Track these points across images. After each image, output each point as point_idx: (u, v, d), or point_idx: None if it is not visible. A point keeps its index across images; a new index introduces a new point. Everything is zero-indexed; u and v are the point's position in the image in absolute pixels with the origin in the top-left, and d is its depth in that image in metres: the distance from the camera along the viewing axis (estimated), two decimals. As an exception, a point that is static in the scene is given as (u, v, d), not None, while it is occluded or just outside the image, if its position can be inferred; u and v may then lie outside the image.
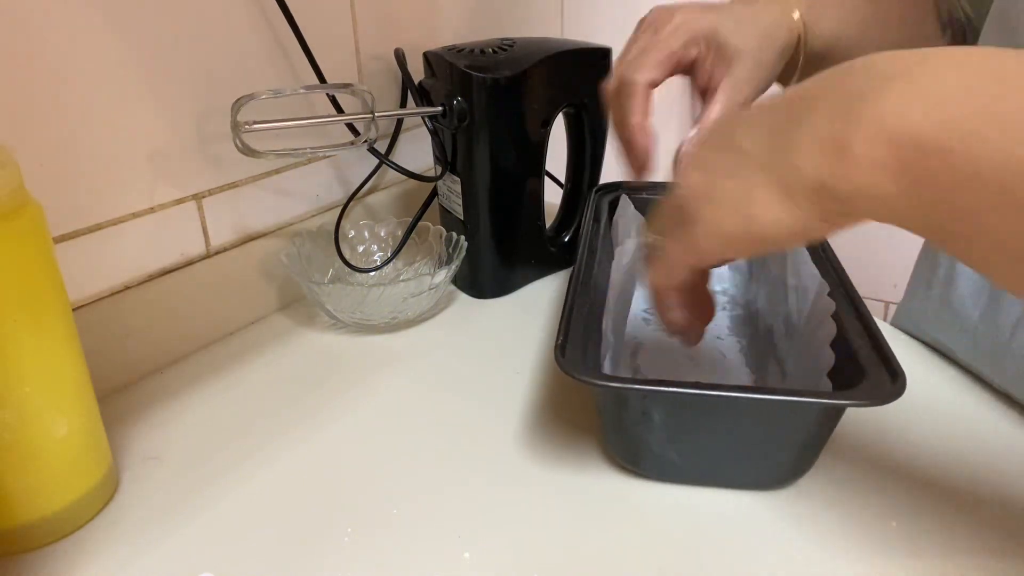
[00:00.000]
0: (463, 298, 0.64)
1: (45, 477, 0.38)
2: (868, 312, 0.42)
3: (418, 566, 0.37)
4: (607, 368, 0.45)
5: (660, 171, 0.51)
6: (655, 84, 0.47)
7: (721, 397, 0.36)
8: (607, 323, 0.45)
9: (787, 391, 0.37)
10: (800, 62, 0.51)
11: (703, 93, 0.48)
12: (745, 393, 0.36)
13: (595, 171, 0.67)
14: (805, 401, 0.36)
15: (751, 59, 0.47)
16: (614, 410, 0.41)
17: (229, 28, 0.54)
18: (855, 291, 0.44)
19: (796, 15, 0.50)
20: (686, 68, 0.48)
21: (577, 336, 0.42)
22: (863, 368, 0.37)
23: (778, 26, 0.49)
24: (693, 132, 0.47)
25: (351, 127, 0.61)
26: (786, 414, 0.38)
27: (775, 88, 0.50)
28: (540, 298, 0.64)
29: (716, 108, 0.47)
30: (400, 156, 0.68)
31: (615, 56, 0.64)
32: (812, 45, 0.51)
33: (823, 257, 0.49)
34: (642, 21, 0.50)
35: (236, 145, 0.50)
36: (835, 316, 0.42)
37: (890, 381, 0.36)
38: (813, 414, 0.38)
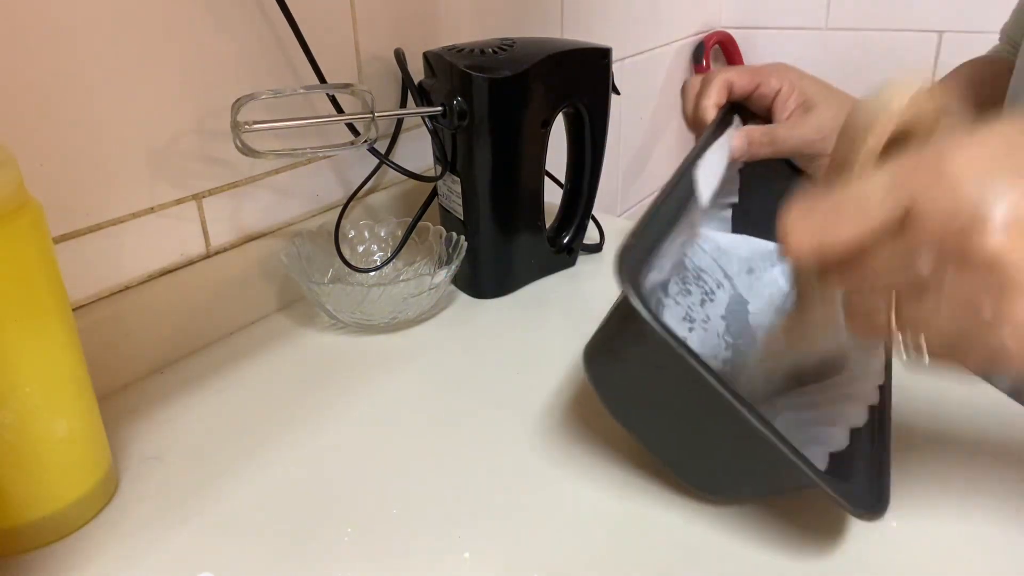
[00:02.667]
0: (463, 298, 0.64)
1: (45, 477, 0.38)
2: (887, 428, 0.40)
3: (418, 566, 0.37)
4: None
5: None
6: (731, 85, 0.52)
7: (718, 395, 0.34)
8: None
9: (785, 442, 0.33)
10: None
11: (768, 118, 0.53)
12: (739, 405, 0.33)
13: (595, 171, 0.66)
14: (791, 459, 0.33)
15: (826, 109, 0.50)
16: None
17: (229, 28, 0.55)
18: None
19: None
20: (765, 96, 0.52)
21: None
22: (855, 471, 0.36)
23: None
24: (739, 135, 0.51)
25: (351, 127, 0.61)
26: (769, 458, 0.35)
27: None
28: (540, 298, 0.64)
29: (789, 126, 0.51)
30: (400, 156, 0.68)
31: (615, 56, 0.64)
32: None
33: None
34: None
35: (236, 145, 0.50)
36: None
37: (875, 499, 0.35)
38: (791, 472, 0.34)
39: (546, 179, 0.64)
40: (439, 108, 0.58)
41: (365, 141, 0.57)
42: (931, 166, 0.26)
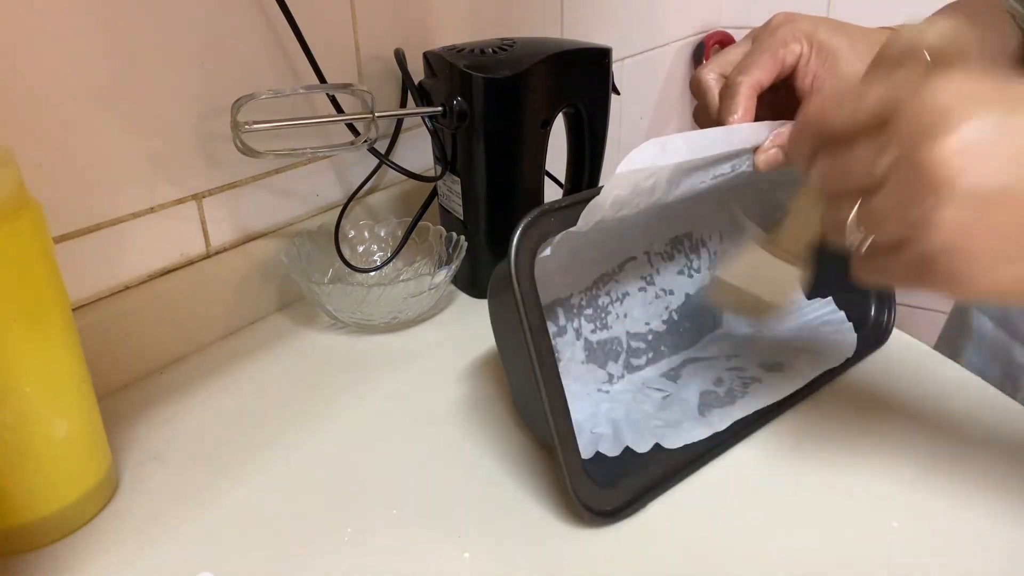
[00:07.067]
0: (463, 298, 0.64)
1: (45, 477, 0.38)
2: None
3: (418, 566, 0.37)
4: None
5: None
6: (761, 86, 0.45)
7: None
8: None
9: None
10: None
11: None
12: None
13: (595, 171, 0.66)
14: None
15: (857, 61, 0.45)
16: None
17: (229, 28, 0.55)
18: None
19: None
20: (791, 69, 0.46)
21: None
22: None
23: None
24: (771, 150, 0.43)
25: (351, 127, 0.61)
26: None
27: None
28: (540, 298, 0.64)
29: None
30: (400, 156, 0.68)
31: (615, 56, 0.64)
32: None
33: None
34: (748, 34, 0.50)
35: (236, 145, 0.50)
36: None
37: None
38: None
39: (546, 179, 0.64)
40: (439, 108, 0.58)
41: (365, 141, 0.57)
42: (924, 82, 0.29)
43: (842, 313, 0.55)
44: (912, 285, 0.30)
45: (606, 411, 0.47)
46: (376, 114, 0.55)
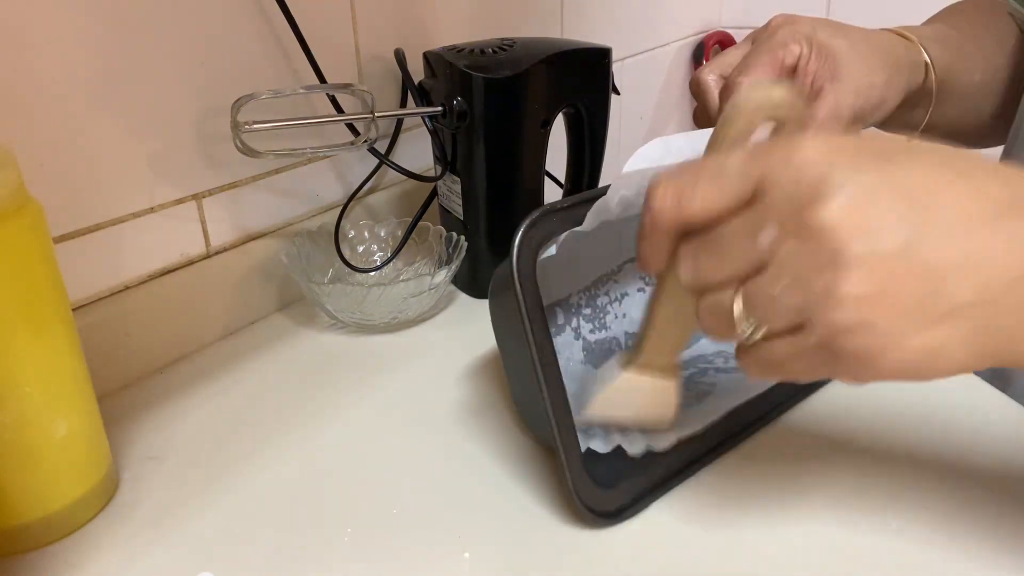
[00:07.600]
0: (463, 298, 0.64)
1: (45, 477, 0.38)
2: None
3: (418, 566, 0.37)
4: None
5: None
6: None
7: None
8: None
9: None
10: (933, 91, 0.50)
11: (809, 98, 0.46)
12: None
13: (595, 171, 0.67)
14: None
15: (857, 62, 0.45)
16: None
17: (229, 28, 0.55)
18: None
19: (914, 38, 0.50)
20: (790, 71, 0.46)
21: None
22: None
23: (892, 43, 0.49)
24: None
25: (351, 127, 0.61)
26: None
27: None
28: (540, 298, 0.64)
29: (821, 110, 0.45)
30: (400, 156, 0.68)
31: (615, 56, 0.64)
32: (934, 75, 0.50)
33: None
34: (747, 36, 0.50)
35: (236, 145, 0.51)
36: None
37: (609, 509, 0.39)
38: None
39: (546, 179, 0.64)
40: (439, 108, 0.58)
41: (365, 141, 0.57)
42: (784, 149, 0.27)
43: None
44: (811, 373, 0.28)
45: None
46: (376, 114, 0.55)
